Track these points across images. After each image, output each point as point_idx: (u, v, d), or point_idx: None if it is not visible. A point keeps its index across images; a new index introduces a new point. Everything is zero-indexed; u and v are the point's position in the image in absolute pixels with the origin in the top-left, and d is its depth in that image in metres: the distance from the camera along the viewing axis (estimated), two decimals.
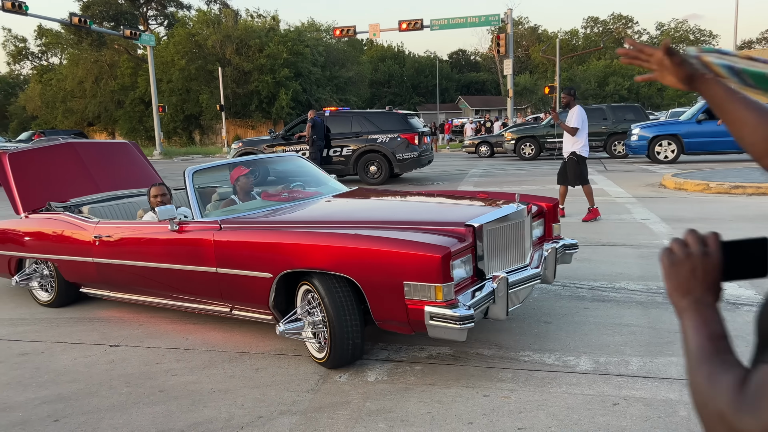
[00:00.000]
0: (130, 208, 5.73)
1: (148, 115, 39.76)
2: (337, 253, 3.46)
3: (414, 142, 13.58)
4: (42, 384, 3.69)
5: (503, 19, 28.17)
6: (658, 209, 8.57)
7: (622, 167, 15.41)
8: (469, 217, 3.77)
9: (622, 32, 76.80)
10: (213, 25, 41.48)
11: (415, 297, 3.25)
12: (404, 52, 70.36)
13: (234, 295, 4.05)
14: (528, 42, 68.01)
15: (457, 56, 79.17)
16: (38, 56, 58.18)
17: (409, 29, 28.06)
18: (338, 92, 44.81)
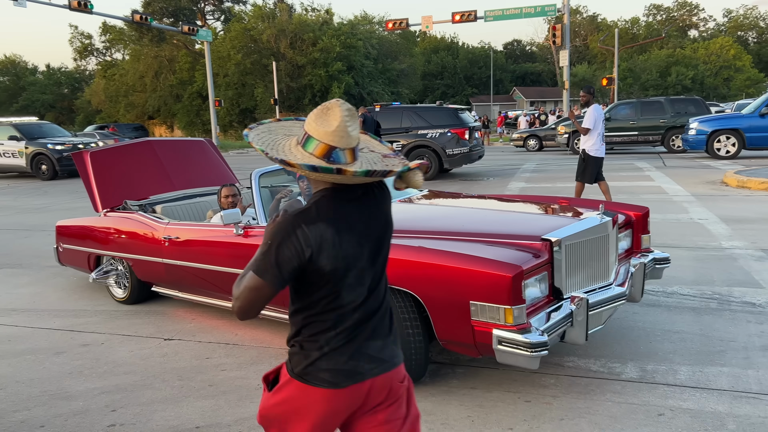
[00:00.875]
0: (202, 208, 5.78)
1: (205, 108, 40.86)
2: (399, 266, 3.25)
3: (464, 137, 13.48)
4: (101, 374, 3.90)
5: (560, 9, 27.52)
6: (718, 209, 8.25)
7: (682, 163, 14.88)
8: (546, 230, 3.46)
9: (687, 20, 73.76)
10: (268, 19, 42.16)
11: (483, 319, 3.01)
12: (458, 43, 69.79)
13: None
14: (586, 31, 66.23)
15: (512, 46, 77.91)
16: (102, 52, 60.59)
17: (463, 21, 27.80)
18: (390, 85, 44.86)
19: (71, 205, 11.79)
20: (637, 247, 4.28)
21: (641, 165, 14.79)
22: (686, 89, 48.53)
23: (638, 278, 3.86)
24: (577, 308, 3.18)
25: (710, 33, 70.59)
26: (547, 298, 3.31)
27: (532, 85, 67.57)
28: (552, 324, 3.10)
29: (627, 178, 12.22)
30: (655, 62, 52.65)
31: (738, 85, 52.37)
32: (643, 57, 55.23)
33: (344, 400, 1.68)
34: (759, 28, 72.76)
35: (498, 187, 11.90)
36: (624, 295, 3.58)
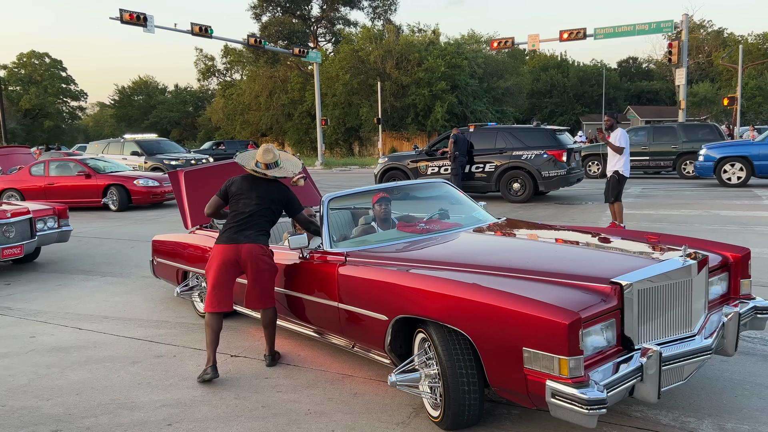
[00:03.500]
0: (282, 229, 5.91)
1: (314, 127, 42.42)
2: (451, 303, 3.10)
3: (561, 159, 13.01)
4: (166, 387, 4.09)
5: (677, 24, 26.00)
6: None
7: None
8: (617, 272, 3.14)
9: None
10: (376, 40, 43.18)
11: (536, 367, 2.77)
12: (568, 61, 67.79)
13: (353, 333, 3.93)
14: (710, 47, 62.05)
15: (627, 64, 74.53)
16: (223, 73, 64.75)
17: (571, 39, 26.96)
18: (495, 104, 44.36)
19: (178, 218, 12.61)
20: (735, 292, 3.82)
21: (760, 193, 13.54)
22: None
23: (731, 329, 3.41)
24: (648, 362, 2.86)
25: None
26: (616, 348, 3.00)
27: (648, 104, 64.17)
28: (616, 378, 2.80)
29: (741, 207, 11.22)
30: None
31: None
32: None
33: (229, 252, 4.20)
34: None
35: (595, 213, 11.34)
36: (709, 348, 3.18)
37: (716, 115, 49.43)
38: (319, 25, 55.06)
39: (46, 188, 14.64)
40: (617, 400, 2.80)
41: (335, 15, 53.82)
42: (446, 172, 14.04)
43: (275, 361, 4.43)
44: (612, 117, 9.06)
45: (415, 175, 14.64)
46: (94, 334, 5.29)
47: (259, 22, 50.91)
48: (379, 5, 53.21)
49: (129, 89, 72.45)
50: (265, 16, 51.15)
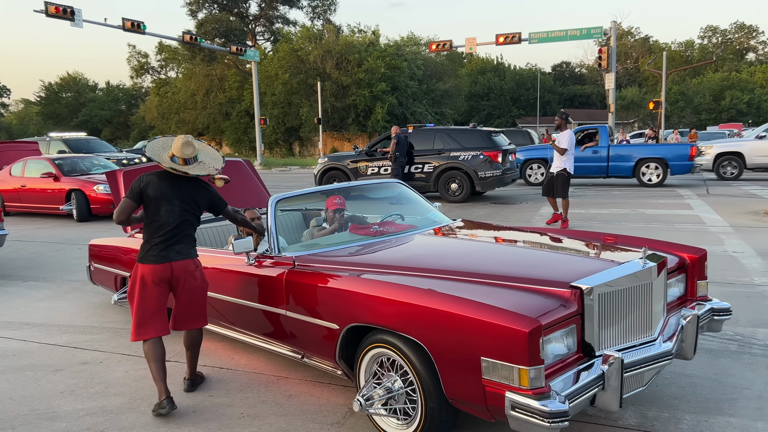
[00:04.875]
0: (227, 232, 5.65)
1: (252, 126, 41.76)
2: (405, 310, 2.93)
3: (497, 160, 13.29)
4: (91, 395, 3.92)
5: (607, 31, 27.06)
6: (756, 242, 7.83)
7: (727, 191, 14.28)
8: (576, 275, 3.03)
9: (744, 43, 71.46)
10: (315, 40, 42.94)
11: (495, 378, 2.62)
12: (504, 65, 69.42)
13: (302, 342, 3.70)
14: (638, 53, 64.88)
15: (561, 68, 76.98)
16: (158, 70, 62.82)
17: (507, 43, 27.60)
18: (434, 105, 44.90)
19: (110, 222, 12.13)
20: (691, 294, 3.76)
21: (683, 192, 14.26)
22: (741, 114, 46.86)
23: (690, 332, 3.32)
24: (610, 369, 2.75)
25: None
26: (577, 355, 2.88)
27: (581, 107, 66.48)
28: (578, 388, 2.68)
29: (665, 206, 11.78)
30: (708, 86, 51.13)
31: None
32: (696, 80, 53.72)
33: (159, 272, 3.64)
34: None
35: (529, 212, 11.65)
36: (669, 353, 3.09)
37: (643, 119, 51.74)
38: (258, 24, 54.29)
39: (19, 191, 12.93)
40: (579, 410, 2.69)
41: (274, 14, 53.21)
42: (386, 173, 14.10)
43: (195, 386, 3.97)
44: (561, 118, 9.38)
45: (355, 175, 14.63)
46: (14, 342, 5.01)
47: (195, 19, 49.79)
48: (318, 5, 52.98)
49: (56, 86, 69.26)
50: (201, 13, 50.06)
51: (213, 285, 4.26)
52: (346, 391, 3.83)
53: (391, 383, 3.13)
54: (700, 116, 49.09)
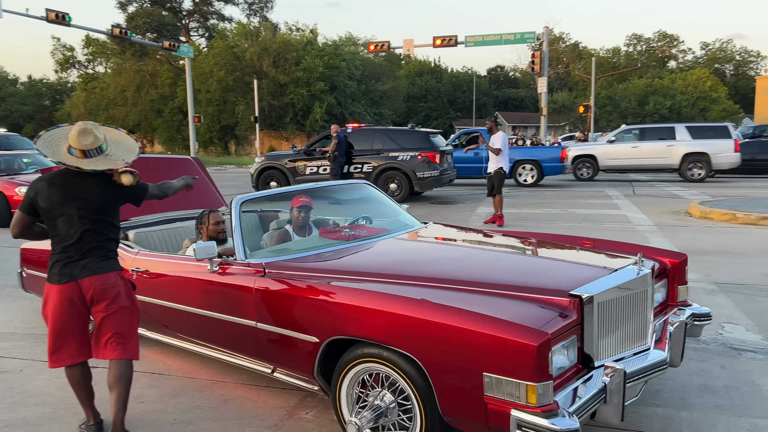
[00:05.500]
0: (180, 235, 5.23)
1: (186, 124, 40.63)
2: (396, 322, 2.70)
3: (435, 160, 13.46)
4: (10, 406, 3.68)
5: (539, 36, 27.88)
6: (679, 239, 8.24)
7: (651, 191, 14.99)
8: (574, 283, 2.88)
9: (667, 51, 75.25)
10: (252, 37, 42.24)
11: (499, 395, 2.43)
12: (441, 67, 70.43)
13: (275, 356, 3.41)
14: (569, 59, 67.20)
15: (496, 72, 78.83)
16: (84, 65, 60.23)
17: (444, 45, 28.02)
18: (373, 106, 45.00)
19: None
20: (672, 300, 3.67)
21: (611, 193, 14.86)
22: (664, 118, 49.27)
23: (678, 339, 3.28)
24: (612, 381, 2.62)
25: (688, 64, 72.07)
26: (575, 367, 2.73)
27: (515, 110, 68.29)
28: (584, 403, 2.53)
29: (594, 206, 12.23)
30: (633, 91, 53.49)
31: (714, 116, 53.27)
32: (622, 86, 56.11)
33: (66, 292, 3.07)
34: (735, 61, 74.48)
35: (466, 212, 11.84)
36: (665, 362, 3.00)
37: (573, 122, 53.62)
38: (191, 19, 52.91)
39: None
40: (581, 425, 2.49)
41: (208, 9, 52.00)
42: (325, 172, 14.02)
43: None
44: (492, 121, 10.06)
45: (293, 174, 14.47)
46: None
47: (125, 13, 48.09)
48: (255, 2, 52.14)
49: None
50: (131, 7, 48.36)
51: (169, 294, 3.95)
52: (284, 394, 3.76)
53: (379, 400, 2.89)
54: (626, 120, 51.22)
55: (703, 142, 17.28)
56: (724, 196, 13.00)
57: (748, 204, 10.81)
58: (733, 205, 10.55)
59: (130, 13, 47.78)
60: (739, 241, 8.05)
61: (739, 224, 9.44)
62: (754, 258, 6.92)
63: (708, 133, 17.52)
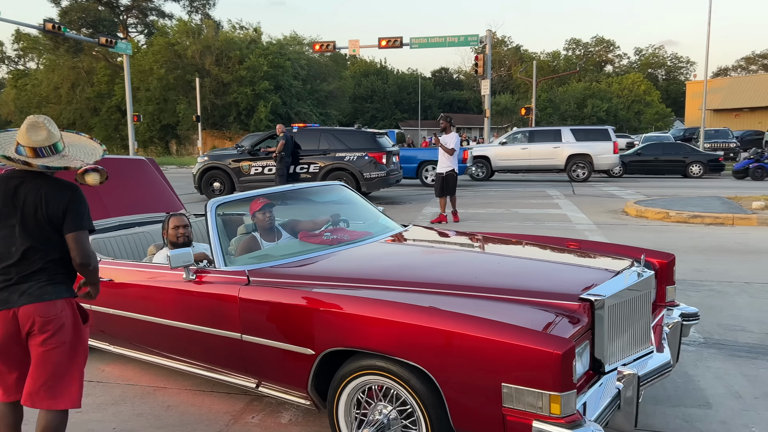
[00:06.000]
0: (142, 241, 4.85)
1: (125, 123, 39.32)
2: (404, 332, 2.54)
3: (382, 161, 13.50)
4: None
5: (482, 39, 28.37)
6: (616, 238, 8.53)
7: (590, 191, 15.49)
8: (579, 287, 2.82)
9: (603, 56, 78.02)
10: (193, 35, 41.31)
11: (519, 406, 2.31)
12: (387, 68, 70.76)
13: (263, 370, 3.18)
14: (510, 62, 68.73)
15: (440, 74, 79.78)
16: (15, 60, 57.49)
17: (389, 47, 28.12)
18: (318, 106, 44.77)
19: None
20: (660, 300, 3.61)
21: (552, 193, 15.27)
22: (601, 121, 51.03)
23: (674, 340, 3.25)
24: (626, 386, 2.55)
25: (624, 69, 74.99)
26: (587, 374, 2.65)
27: (459, 112, 69.30)
28: (603, 410, 2.47)
29: (536, 206, 12.54)
30: (572, 94, 55.21)
31: (648, 119, 55.64)
32: (562, 89, 57.83)
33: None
34: (667, 66, 77.98)
35: (413, 212, 11.93)
36: (670, 364, 2.97)
37: (515, 123, 54.85)
38: (130, 15, 51.30)
39: None
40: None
41: (148, 5, 50.51)
42: (270, 173, 13.84)
43: None
44: (446, 121, 10.07)
45: (237, 175, 14.22)
46: None
47: (58, 7, 46.07)
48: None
49: None
50: (65, 1, 46.42)
51: (137, 305, 3.67)
52: (229, 399, 3.69)
53: (380, 414, 2.74)
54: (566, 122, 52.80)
55: (586, 145, 18.58)
56: (657, 195, 13.56)
57: (679, 203, 11.32)
58: (666, 204, 11.03)
59: (64, 7, 45.86)
60: (672, 238, 8.42)
61: (672, 222, 9.87)
62: (686, 255, 7.25)
63: (591, 136, 18.82)
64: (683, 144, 21.69)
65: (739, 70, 73.90)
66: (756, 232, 8.74)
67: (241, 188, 14.45)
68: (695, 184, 17.09)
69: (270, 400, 3.63)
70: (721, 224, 9.51)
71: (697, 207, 10.57)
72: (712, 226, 9.41)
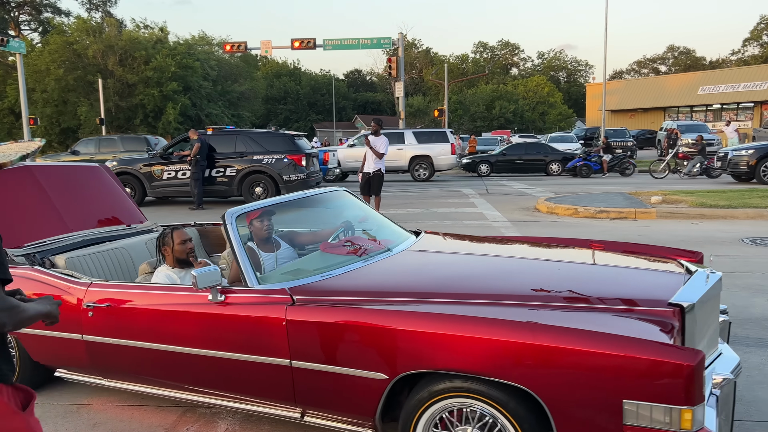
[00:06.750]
0: (119, 258, 4.35)
1: (20, 126, 36.76)
2: (504, 349, 2.34)
3: (301, 163, 13.42)
4: None
5: (395, 42, 28.77)
6: (529, 233, 8.93)
7: (502, 190, 16.09)
8: (663, 292, 2.71)
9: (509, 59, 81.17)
10: (94, 33, 39.25)
11: (642, 424, 2.18)
12: (300, 69, 70.28)
13: (316, 398, 2.86)
14: (422, 64, 70.13)
15: (354, 76, 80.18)
16: None
17: (302, 48, 27.94)
18: (230, 107, 43.78)
19: None
20: None
21: (467, 192, 15.75)
22: (509, 122, 53.13)
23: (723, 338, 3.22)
24: (724, 392, 2.45)
25: (528, 72, 78.41)
26: None
27: (373, 114, 69.92)
28: (718, 421, 2.37)
29: (453, 205, 12.90)
30: (481, 96, 57.08)
31: (552, 120, 58.44)
32: (471, 91, 59.65)
33: None
34: (567, 69, 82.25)
35: None
36: (740, 363, 2.87)
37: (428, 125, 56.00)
38: (22, 12, 48.07)
39: None
40: None
41: (42, 2, 47.54)
42: (184, 177, 13.43)
43: None
44: (377, 124, 10.50)
45: (149, 180, 13.68)
46: None
47: None
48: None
49: None
50: None
51: (147, 333, 3.24)
52: (160, 412, 3.57)
53: None
54: (476, 123, 54.53)
55: (427, 146, 19.83)
56: (566, 192, 14.29)
57: (586, 199, 12.00)
58: (574, 201, 11.65)
59: None
60: (583, 233, 8.91)
61: (580, 218, 10.45)
62: None
63: (431, 138, 20.07)
64: (544, 144, 23.44)
65: (632, 73, 79.18)
66: (656, 225, 9.42)
67: (153, 194, 13.93)
68: (555, 182, 18.12)
69: (204, 411, 3.55)
70: (624, 218, 10.17)
71: (603, 203, 11.25)
72: (617, 220, 10.05)
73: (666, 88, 48.93)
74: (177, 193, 13.84)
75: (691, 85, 47.07)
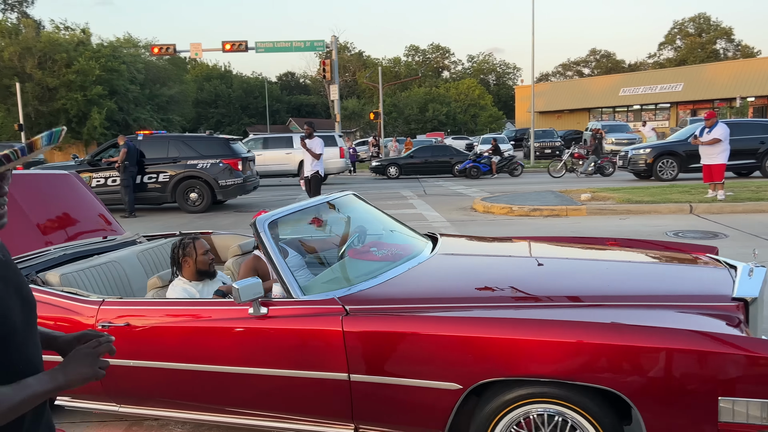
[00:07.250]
0: (115, 271, 4.06)
1: None
2: (592, 352, 2.30)
3: (237, 167, 13.21)
4: None
5: (328, 45, 28.75)
6: (469, 232, 9.15)
7: (439, 191, 16.37)
8: (724, 287, 2.78)
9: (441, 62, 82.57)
10: (10, 35, 37.23)
11: (739, 420, 2.19)
12: (232, 72, 69.06)
13: (376, 413, 2.73)
14: (355, 67, 70.28)
15: (287, 78, 79.50)
16: None
17: (233, 50, 27.48)
18: (159, 111, 42.55)
19: None
20: None
21: (405, 194, 15.94)
22: (442, 124, 54.07)
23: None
24: None
25: (459, 75, 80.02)
26: None
27: (307, 116, 69.56)
28: None
29: (393, 206, 13.02)
30: (415, 99, 57.85)
31: (483, 121, 59.91)
32: (405, 94, 60.35)
33: None
34: (496, 72, 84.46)
35: None
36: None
37: (363, 128, 56.24)
38: None
39: None
40: None
41: None
42: (115, 184, 12.96)
43: None
44: (311, 127, 10.88)
45: None
46: None
47: None
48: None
49: None
50: None
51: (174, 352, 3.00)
52: (103, 427, 3.46)
53: None
54: (410, 126, 55.22)
55: None
56: (500, 192, 14.70)
57: (519, 198, 12.39)
58: (508, 200, 12.00)
59: None
60: (519, 231, 9.20)
61: (515, 216, 10.78)
62: None
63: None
64: (449, 147, 24.08)
65: (557, 75, 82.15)
66: (586, 221, 9.85)
67: None
68: (531, 180, 18.70)
69: (151, 422, 3.47)
70: (557, 215, 10.56)
71: (536, 201, 11.65)
72: (550, 218, 10.43)
73: (590, 90, 51.10)
74: (107, 200, 13.33)
75: (612, 87, 49.37)
